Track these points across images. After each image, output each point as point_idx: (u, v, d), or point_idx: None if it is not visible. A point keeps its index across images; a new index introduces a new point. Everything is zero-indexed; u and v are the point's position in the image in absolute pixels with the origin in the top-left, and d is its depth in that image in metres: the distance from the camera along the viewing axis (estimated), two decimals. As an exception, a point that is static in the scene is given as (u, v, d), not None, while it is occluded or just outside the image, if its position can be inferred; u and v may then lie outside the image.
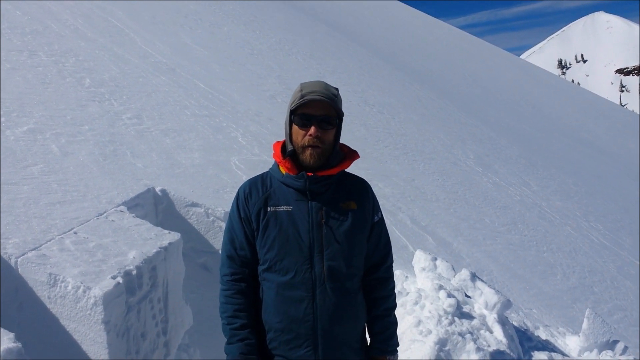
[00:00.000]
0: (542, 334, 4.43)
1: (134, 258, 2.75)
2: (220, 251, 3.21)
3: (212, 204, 3.91)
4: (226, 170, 4.87)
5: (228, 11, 13.21)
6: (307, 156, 1.84)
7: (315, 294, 1.84)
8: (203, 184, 4.33)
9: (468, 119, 12.95)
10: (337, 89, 1.92)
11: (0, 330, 2.11)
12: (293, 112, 1.86)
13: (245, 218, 1.91)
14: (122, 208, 3.32)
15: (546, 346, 4.15)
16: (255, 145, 5.86)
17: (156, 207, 3.86)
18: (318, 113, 1.83)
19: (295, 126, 1.86)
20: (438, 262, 4.42)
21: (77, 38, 6.89)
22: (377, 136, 8.50)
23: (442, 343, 3.43)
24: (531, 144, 13.37)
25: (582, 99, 29.70)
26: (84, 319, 2.43)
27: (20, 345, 2.08)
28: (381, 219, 2.02)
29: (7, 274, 2.46)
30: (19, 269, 2.47)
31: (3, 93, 4.42)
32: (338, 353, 1.88)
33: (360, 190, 1.98)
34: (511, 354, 3.60)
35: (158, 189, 3.86)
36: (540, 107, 21.48)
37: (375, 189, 2.14)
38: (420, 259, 4.43)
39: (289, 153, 1.90)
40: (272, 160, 1.97)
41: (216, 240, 3.86)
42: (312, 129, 1.82)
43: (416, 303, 3.82)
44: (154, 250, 2.90)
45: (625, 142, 21.01)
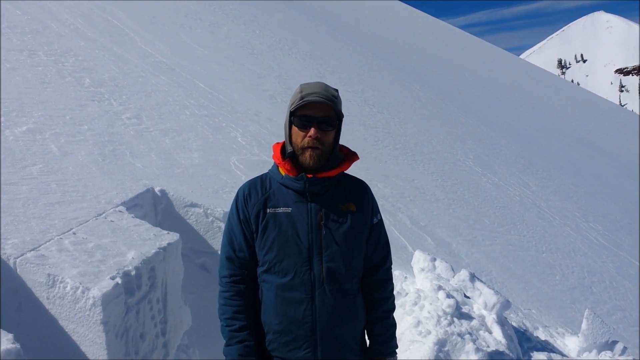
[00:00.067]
0: (541, 335, 4.43)
1: (133, 258, 2.75)
2: (219, 252, 3.21)
3: (212, 204, 3.91)
4: (225, 170, 4.87)
5: (228, 11, 13.21)
6: (307, 157, 1.84)
7: (314, 295, 1.84)
8: (202, 184, 4.33)
9: (468, 119, 12.95)
10: (337, 90, 1.92)
11: (0, 330, 2.11)
12: (293, 114, 1.86)
13: (244, 219, 1.90)
14: (121, 208, 3.32)
15: (545, 347, 4.15)
16: (255, 145, 5.86)
17: (155, 208, 3.86)
18: (318, 114, 1.82)
19: (295, 127, 1.86)
20: (437, 263, 4.42)
21: (77, 38, 6.89)
22: (377, 136, 8.50)
23: (441, 343, 3.44)
24: (531, 144, 13.38)
25: (582, 99, 29.71)
26: (82, 319, 2.43)
27: (19, 346, 2.08)
28: (380, 221, 2.01)
29: (6, 275, 2.46)
30: (18, 270, 2.47)
31: (2, 93, 4.42)
32: (337, 354, 1.87)
33: (360, 192, 1.98)
34: (510, 354, 3.60)
35: (157, 189, 3.86)
36: (539, 107, 21.48)
37: (374, 189, 2.13)
38: (419, 259, 4.43)
39: (288, 154, 1.89)
40: (272, 161, 1.97)
41: (215, 240, 3.86)
42: (312, 131, 1.82)
43: (415, 304, 3.82)
44: (153, 251, 2.90)
45: (625, 142, 21.02)
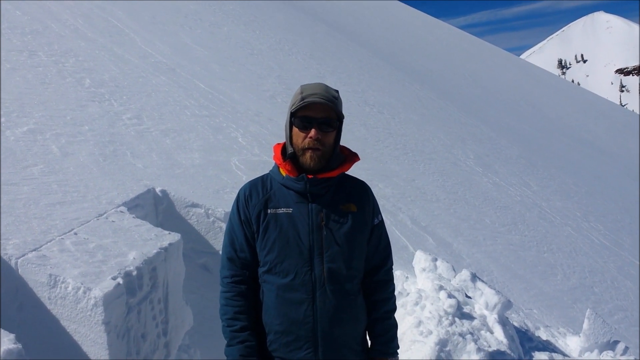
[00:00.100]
0: (543, 335, 4.43)
1: (134, 259, 2.75)
2: (220, 252, 3.21)
3: (212, 205, 3.91)
4: (226, 170, 4.87)
5: (228, 11, 13.21)
6: (307, 158, 1.84)
7: (315, 296, 1.84)
8: (203, 184, 4.33)
9: (468, 119, 12.95)
10: (338, 91, 1.92)
11: (1, 331, 2.11)
12: (293, 115, 1.86)
13: (245, 220, 1.91)
14: (122, 209, 3.32)
15: (547, 347, 4.15)
16: (255, 145, 5.86)
17: (156, 208, 3.85)
18: (318, 115, 1.83)
19: (295, 128, 1.86)
20: (438, 263, 4.42)
21: (77, 38, 6.89)
22: (377, 136, 8.50)
23: (443, 344, 3.43)
24: (531, 144, 13.38)
25: (582, 99, 29.71)
26: (84, 320, 2.43)
27: (20, 346, 2.08)
28: (381, 222, 2.02)
29: (7, 275, 2.46)
30: (19, 270, 2.47)
31: (3, 93, 4.42)
32: (338, 355, 1.88)
33: (361, 193, 1.98)
34: (512, 354, 3.60)
35: (158, 190, 3.86)
36: (540, 107, 21.48)
37: (375, 189, 2.13)
38: (420, 259, 4.43)
39: (289, 155, 1.89)
40: (272, 161, 1.97)
41: (216, 240, 3.86)
42: (313, 132, 1.82)
43: (416, 304, 3.82)
44: (154, 251, 2.90)
45: (626, 142, 21.02)
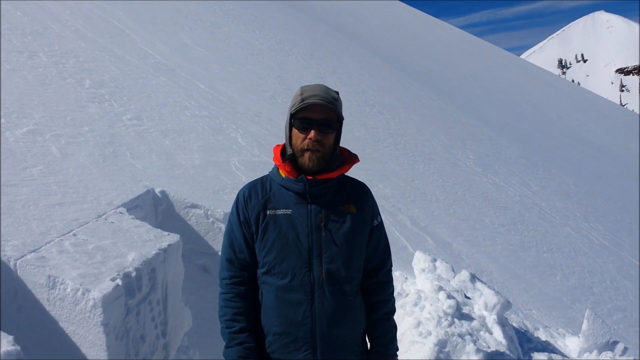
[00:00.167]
0: (542, 335, 4.43)
1: (134, 260, 2.75)
2: (219, 253, 3.21)
3: (212, 205, 3.91)
4: (226, 171, 4.87)
5: (228, 11, 13.21)
6: (306, 159, 1.84)
7: (313, 297, 1.84)
8: (203, 185, 4.33)
9: (468, 119, 12.95)
10: (338, 93, 1.92)
11: (0, 332, 2.11)
12: (293, 116, 1.86)
13: (244, 221, 1.91)
14: (122, 209, 3.32)
15: (546, 347, 4.15)
16: (255, 146, 5.86)
17: (156, 209, 3.85)
18: (318, 117, 1.83)
19: (295, 130, 1.86)
20: (438, 263, 4.42)
21: (78, 39, 6.89)
22: (377, 137, 8.50)
23: (442, 344, 3.43)
24: (531, 144, 13.37)
25: (583, 99, 29.70)
26: (83, 321, 2.43)
27: (19, 347, 2.08)
28: (380, 223, 2.01)
29: (6, 276, 2.46)
30: (18, 271, 2.47)
31: (3, 94, 4.42)
32: (337, 356, 1.87)
33: (360, 194, 1.98)
34: (511, 355, 3.60)
35: (157, 190, 3.86)
36: (540, 107, 21.48)
37: (375, 189, 2.14)
38: (419, 260, 4.43)
39: (288, 156, 1.89)
40: (272, 162, 1.97)
41: (216, 241, 3.86)
42: (312, 133, 1.82)
43: (416, 304, 3.82)
44: (154, 252, 2.90)
45: (626, 142, 21.01)
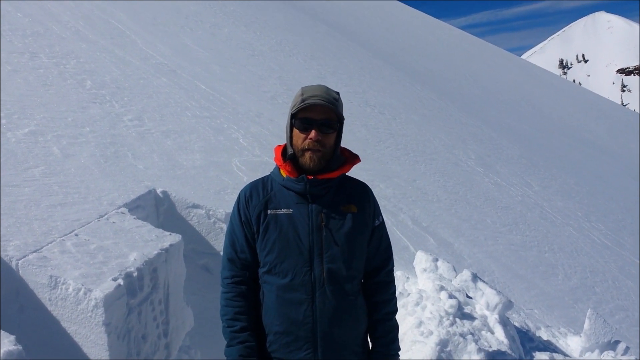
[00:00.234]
0: (544, 335, 4.42)
1: (135, 260, 2.75)
2: (221, 253, 3.21)
3: (213, 206, 3.91)
4: (227, 171, 4.87)
5: (229, 12, 13.22)
6: (307, 159, 1.85)
7: (314, 296, 1.84)
8: (204, 185, 4.33)
9: (469, 119, 12.94)
10: (338, 93, 1.92)
11: (1, 332, 2.11)
12: (294, 116, 1.86)
13: (245, 221, 1.91)
14: (123, 210, 3.32)
15: (547, 347, 4.14)
16: (257, 146, 5.86)
17: (157, 209, 3.86)
18: (319, 117, 1.83)
19: (296, 130, 1.87)
20: (439, 263, 4.41)
21: (78, 40, 6.91)
22: (378, 137, 8.50)
23: (444, 344, 3.43)
24: (532, 144, 13.37)
25: (584, 99, 29.68)
26: (84, 321, 2.43)
27: (21, 347, 2.08)
28: (382, 223, 2.01)
29: (8, 276, 2.46)
30: (20, 271, 2.47)
31: (4, 95, 4.43)
32: (338, 356, 1.87)
33: (361, 194, 1.98)
34: (512, 354, 3.59)
35: (159, 191, 3.86)
36: (541, 108, 21.46)
37: (376, 189, 2.14)
38: (421, 259, 4.43)
39: (289, 156, 1.90)
40: (273, 162, 1.98)
41: (217, 241, 3.86)
42: (313, 133, 1.82)
43: (417, 304, 3.82)
44: (155, 252, 2.90)
45: (627, 142, 20.99)
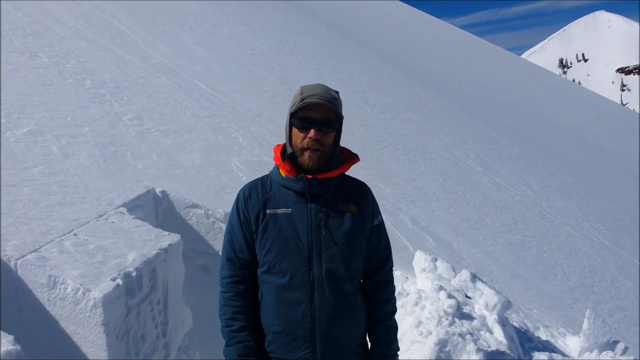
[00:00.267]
0: (543, 335, 4.42)
1: (134, 260, 2.75)
2: (220, 253, 3.22)
3: (213, 205, 3.91)
4: (227, 171, 4.87)
5: (229, 12, 13.21)
6: (306, 158, 1.85)
7: (313, 295, 1.84)
8: (203, 185, 4.33)
9: (468, 119, 12.94)
10: (338, 92, 1.92)
11: (0, 332, 2.11)
12: (293, 115, 1.87)
13: (244, 220, 1.91)
14: (122, 209, 3.32)
15: (546, 347, 4.15)
16: (256, 146, 5.86)
17: (156, 209, 3.86)
18: (318, 116, 1.83)
19: (295, 129, 1.87)
20: (438, 263, 4.42)
21: (78, 39, 6.90)
22: (378, 136, 8.50)
23: (443, 344, 3.43)
24: (532, 144, 13.36)
25: (583, 99, 29.66)
26: (83, 321, 2.43)
27: (19, 347, 2.08)
28: (381, 223, 2.01)
29: (7, 276, 2.46)
30: (19, 271, 2.47)
31: (4, 94, 4.43)
32: (337, 355, 1.87)
33: (360, 193, 1.98)
34: (511, 354, 3.60)
35: (158, 190, 3.86)
36: (541, 107, 21.46)
37: (375, 189, 2.14)
38: (420, 259, 4.43)
39: (288, 155, 1.90)
40: (273, 162, 1.98)
41: (216, 241, 3.86)
42: (312, 132, 1.82)
43: (416, 304, 3.82)
44: (154, 252, 2.90)
45: (626, 142, 20.98)
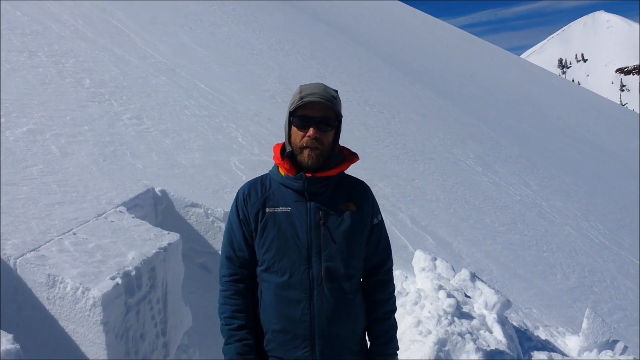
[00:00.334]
0: (542, 334, 4.42)
1: (133, 259, 2.75)
2: (219, 252, 3.21)
3: (212, 205, 3.92)
4: (226, 170, 4.87)
5: (228, 11, 13.21)
6: (305, 157, 1.84)
7: (312, 294, 1.84)
8: (203, 184, 4.33)
9: (468, 118, 12.94)
10: (337, 91, 1.92)
11: (0, 331, 2.11)
12: (292, 114, 1.87)
13: (244, 219, 1.91)
14: (122, 209, 3.32)
15: (546, 346, 4.15)
16: (255, 145, 5.86)
17: (156, 208, 3.86)
18: (317, 115, 1.83)
19: (294, 127, 1.87)
20: (438, 262, 4.42)
21: (77, 39, 6.90)
22: (377, 136, 8.50)
23: (442, 343, 3.43)
24: (531, 144, 13.37)
25: (583, 99, 29.67)
26: (82, 320, 2.43)
27: (19, 346, 2.08)
28: (381, 222, 2.01)
29: (6, 275, 2.46)
30: (18, 270, 2.47)
31: (3, 94, 4.42)
32: (336, 354, 1.87)
33: (360, 192, 1.98)
34: (511, 353, 3.60)
35: (157, 190, 3.86)
36: (540, 107, 21.46)
37: (375, 188, 2.13)
38: (420, 259, 4.43)
39: (287, 154, 1.90)
40: (272, 161, 1.98)
41: (216, 240, 3.86)
42: (311, 130, 1.82)
43: (416, 303, 3.82)
44: (153, 251, 2.90)
45: (626, 142, 20.99)
